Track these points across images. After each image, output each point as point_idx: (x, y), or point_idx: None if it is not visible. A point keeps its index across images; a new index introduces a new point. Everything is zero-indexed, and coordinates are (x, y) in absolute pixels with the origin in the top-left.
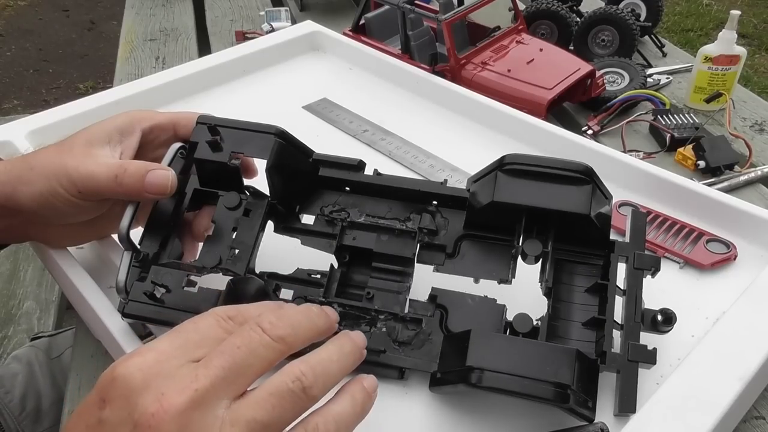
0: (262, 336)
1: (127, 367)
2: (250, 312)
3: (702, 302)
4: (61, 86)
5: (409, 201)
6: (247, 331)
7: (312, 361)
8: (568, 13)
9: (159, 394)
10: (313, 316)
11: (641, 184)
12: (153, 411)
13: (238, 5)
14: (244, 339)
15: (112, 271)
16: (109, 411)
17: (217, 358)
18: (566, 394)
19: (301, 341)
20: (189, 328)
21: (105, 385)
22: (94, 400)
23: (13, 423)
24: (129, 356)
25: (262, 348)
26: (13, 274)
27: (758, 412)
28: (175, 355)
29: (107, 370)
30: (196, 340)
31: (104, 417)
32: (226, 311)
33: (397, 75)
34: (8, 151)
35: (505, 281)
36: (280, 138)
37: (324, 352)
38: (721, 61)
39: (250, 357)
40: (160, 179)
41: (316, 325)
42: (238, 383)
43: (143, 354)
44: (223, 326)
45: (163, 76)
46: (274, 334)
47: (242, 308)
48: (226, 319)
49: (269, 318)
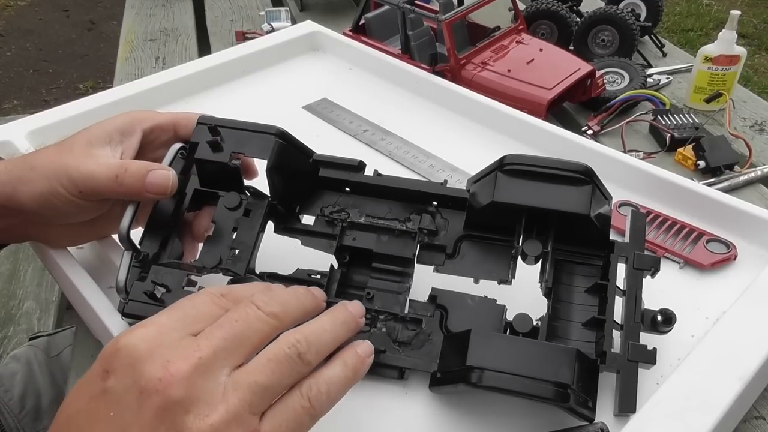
0: (257, 312)
1: (130, 339)
2: (241, 291)
3: (702, 302)
4: (61, 86)
5: (409, 201)
6: (243, 307)
7: (306, 330)
8: (568, 13)
9: (164, 362)
10: (300, 296)
11: (641, 184)
12: (160, 376)
13: (238, 5)
14: (240, 314)
15: (112, 271)
16: (114, 380)
17: (217, 330)
18: (566, 394)
19: (291, 318)
20: (186, 305)
21: (108, 357)
22: (96, 371)
23: (13, 421)
24: (131, 329)
25: (257, 322)
26: (13, 274)
27: (758, 412)
28: (175, 327)
29: (110, 343)
30: (194, 314)
31: (108, 386)
32: (218, 290)
33: (397, 75)
34: (8, 151)
35: (505, 281)
36: (281, 138)
37: (317, 322)
38: (721, 61)
39: (248, 330)
40: (161, 179)
41: (303, 304)
42: (237, 353)
43: (145, 326)
44: (216, 302)
45: (163, 76)
46: (267, 310)
47: (233, 287)
48: (219, 297)
49: (261, 297)
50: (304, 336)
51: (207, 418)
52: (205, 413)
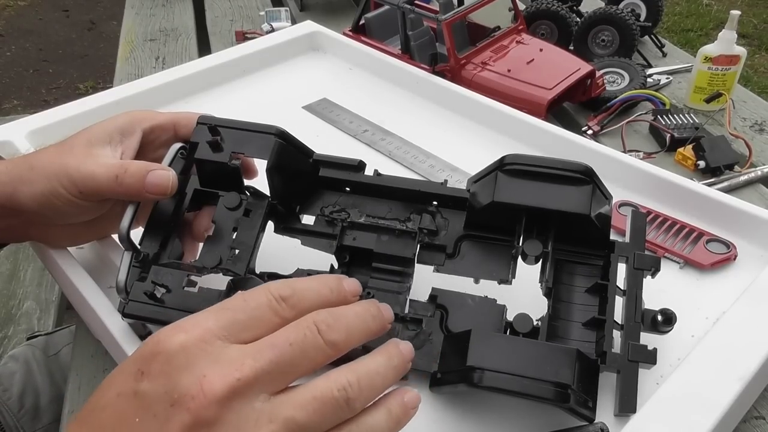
0: (317, 338)
1: (171, 343)
2: (306, 297)
3: (702, 302)
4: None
5: (409, 201)
6: (303, 329)
7: (360, 371)
8: (568, 13)
9: (201, 376)
10: (369, 320)
11: (641, 184)
12: (194, 393)
13: (238, 5)
14: (298, 336)
15: (112, 271)
16: (147, 384)
17: (267, 350)
18: (566, 394)
19: (351, 347)
20: (238, 306)
21: (146, 357)
22: (131, 369)
23: (12, 420)
24: (173, 330)
25: (313, 350)
26: (13, 274)
27: (758, 412)
28: (220, 335)
29: (149, 341)
30: (244, 320)
31: (141, 389)
32: (279, 290)
33: (397, 75)
34: (8, 151)
35: (505, 281)
36: (281, 138)
37: (373, 363)
38: (721, 61)
39: (300, 356)
40: (161, 179)
41: (370, 329)
42: (281, 380)
43: (188, 330)
44: (274, 308)
45: (163, 76)
46: (328, 338)
47: (298, 287)
48: (279, 300)
49: (327, 320)
50: (357, 378)
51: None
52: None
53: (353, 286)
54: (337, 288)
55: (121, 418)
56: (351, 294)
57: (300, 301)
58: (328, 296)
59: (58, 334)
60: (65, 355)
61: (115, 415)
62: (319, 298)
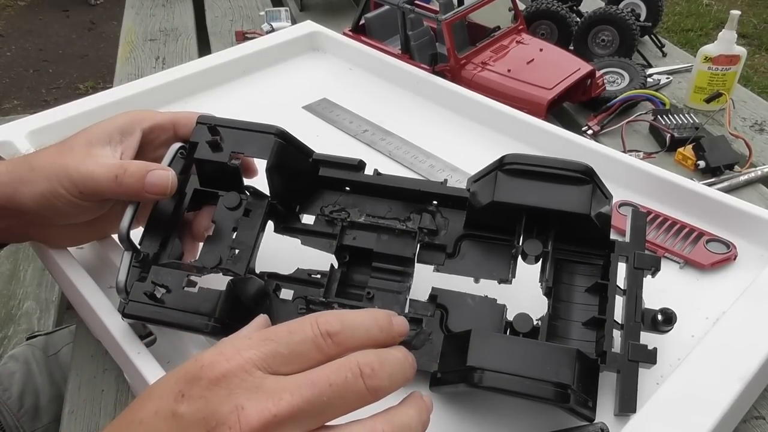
0: (358, 381)
1: (213, 369)
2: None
3: (702, 302)
4: (61, 86)
5: (409, 201)
6: (346, 371)
7: (395, 423)
8: (568, 13)
9: (239, 407)
10: (408, 369)
11: (641, 184)
12: (230, 424)
13: (238, 5)
14: (339, 378)
15: (112, 271)
16: (186, 407)
17: (306, 388)
18: (567, 394)
19: (389, 393)
20: (281, 339)
21: (189, 380)
22: (172, 389)
23: (12, 420)
24: (216, 356)
25: (352, 394)
26: (13, 274)
27: (758, 412)
28: (261, 366)
29: (193, 364)
30: (285, 355)
31: (180, 411)
32: (327, 324)
33: (397, 75)
34: (8, 151)
35: (505, 281)
36: (280, 138)
37: (406, 416)
38: (721, 61)
39: (338, 399)
40: (160, 179)
41: (407, 377)
42: (316, 419)
43: (230, 359)
44: (319, 345)
45: (163, 76)
46: (370, 384)
47: (347, 323)
48: (325, 337)
49: (372, 363)
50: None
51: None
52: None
53: (402, 326)
54: (388, 328)
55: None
56: (399, 335)
57: (347, 339)
58: (377, 336)
59: (58, 334)
60: (65, 354)
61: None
62: (368, 337)
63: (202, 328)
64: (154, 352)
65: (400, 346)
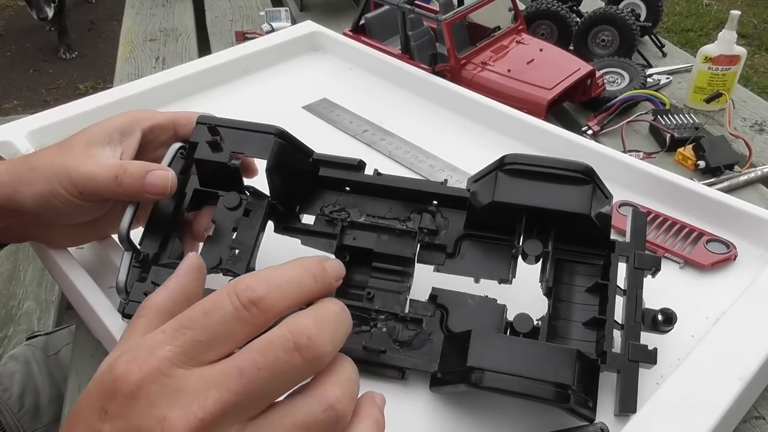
0: (293, 356)
1: (127, 381)
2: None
3: (702, 302)
4: (61, 86)
5: (409, 201)
6: (275, 347)
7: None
8: (568, 13)
9: (161, 419)
10: (347, 321)
11: (641, 184)
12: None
13: (238, 5)
14: (268, 359)
15: (112, 271)
16: (109, 426)
17: (233, 380)
18: (567, 395)
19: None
20: (198, 323)
21: (107, 395)
22: (95, 406)
23: (12, 420)
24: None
25: (288, 371)
26: (13, 274)
27: (758, 412)
28: (179, 362)
29: (108, 374)
30: (205, 341)
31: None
32: (249, 293)
33: (397, 75)
34: (8, 151)
35: (505, 281)
36: (280, 138)
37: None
38: (721, 61)
39: (274, 381)
40: (160, 180)
41: (347, 333)
42: (253, 407)
43: (142, 364)
44: (243, 318)
45: (163, 76)
46: (308, 355)
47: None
48: (249, 307)
49: (308, 330)
50: (342, 391)
51: None
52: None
53: (338, 269)
54: (322, 275)
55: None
56: (336, 279)
57: (277, 302)
58: (311, 287)
59: (58, 334)
60: (65, 355)
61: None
62: (300, 293)
63: None
64: None
65: (332, 297)
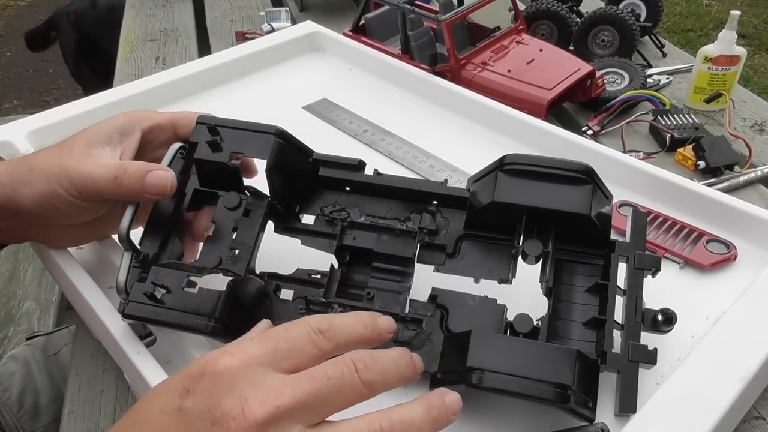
0: (353, 376)
1: (217, 365)
2: (340, 332)
3: (702, 302)
4: (61, 86)
5: (409, 201)
6: (341, 366)
7: (394, 419)
8: (568, 13)
9: (242, 399)
10: (403, 366)
11: (641, 185)
12: (235, 415)
13: (238, 5)
14: (336, 372)
15: (112, 271)
16: (191, 402)
17: (306, 382)
18: (567, 395)
19: (385, 389)
20: (280, 336)
21: (193, 377)
22: (177, 387)
23: (11, 420)
24: (220, 354)
25: (349, 387)
26: (13, 274)
27: (758, 412)
28: (263, 362)
29: (197, 362)
30: (285, 349)
31: (185, 406)
32: (318, 323)
33: (397, 75)
34: (8, 151)
35: (505, 281)
36: (280, 138)
37: (409, 412)
38: (721, 62)
39: (336, 392)
40: (160, 180)
41: (403, 375)
42: (316, 412)
43: (234, 354)
44: (313, 339)
45: (163, 76)
46: (364, 378)
47: (336, 322)
48: (317, 332)
49: (365, 359)
50: (390, 427)
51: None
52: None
53: (387, 324)
54: (372, 325)
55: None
56: (385, 331)
57: (336, 335)
58: (362, 333)
59: (58, 334)
60: (65, 355)
61: (157, 429)
62: (354, 333)
63: (202, 329)
64: (154, 353)
65: (398, 347)
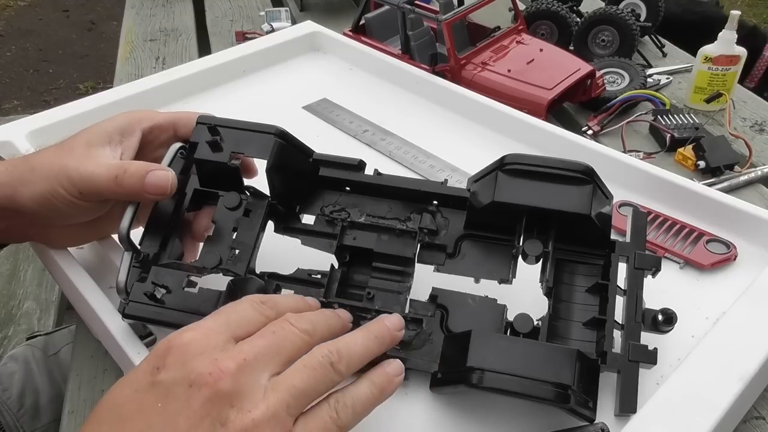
0: (291, 327)
1: (181, 339)
2: (278, 301)
3: (702, 302)
4: (61, 86)
5: (409, 201)
6: (279, 322)
7: (338, 343)
8: (568, 13)
9: (213, 359)
10: (326, 317)
11: (641, 184)
12: (210, 371)
13: (238, 5)
14: (277, 327)
15: (112, 271)
16: (164, 374)
17: (258, 339)
18: (567, 395)
19: (319, 335)
20: (229, 311)
21: (159, 355)
22: (146, 368)
23: (11, 420)
24: (181, 332)
25: (291, 336)
26: (13, 274)
27: (758, 412)
28: (220, 331)
29: (160, 344)
30: (236, 319)
31: (158, 380)
32: (258, 297)
33: (397, 75)
34: (8, 151)
35: (505, 281)
36: (280, 138)
37: (350, 336)
38: (721, 62)
39: (284, 341)
40: (160, 180)
41: (330, 323)
42: (275, 361)
43: (194, 330)
44: (257, 309)
45: (163, 76)
46: (299, 326)
47: (271, 296)
48: (259, 303)
49: (294, 316)
50: (336, 347)
51: (249, 414)
52: (247, 408)
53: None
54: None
55: (142, 407)
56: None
57: (276, 304)
58: (297, 303)
59: (58, 334)
60: (65, 354)
61: (136, 407)
62: (288, 302)
63: None
64: None
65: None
